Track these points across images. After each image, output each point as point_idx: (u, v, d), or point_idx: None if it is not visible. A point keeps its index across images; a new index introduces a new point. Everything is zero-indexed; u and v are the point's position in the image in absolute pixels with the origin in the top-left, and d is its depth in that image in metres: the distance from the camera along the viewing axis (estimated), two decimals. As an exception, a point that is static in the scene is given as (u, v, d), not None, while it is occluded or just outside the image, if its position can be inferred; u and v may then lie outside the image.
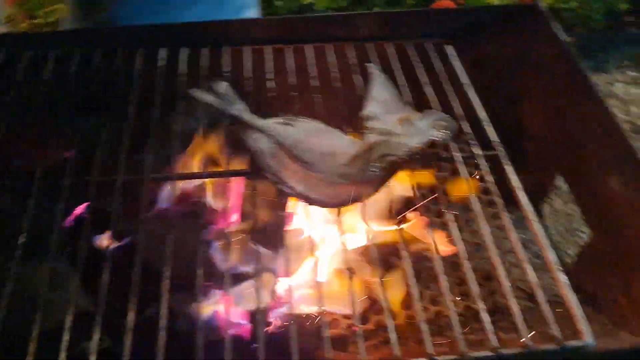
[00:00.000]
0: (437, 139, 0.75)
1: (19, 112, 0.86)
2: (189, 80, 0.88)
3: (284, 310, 0.82)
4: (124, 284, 0.70)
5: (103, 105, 0.86)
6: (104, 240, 0.81)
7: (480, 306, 0.64)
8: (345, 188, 0.74)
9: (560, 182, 1.00)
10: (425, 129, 0.75)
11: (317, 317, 0.81)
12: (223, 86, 0.83)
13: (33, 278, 0.77)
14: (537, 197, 1.02)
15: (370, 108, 0.81)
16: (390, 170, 0.74)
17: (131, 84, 0.87)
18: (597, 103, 0.83)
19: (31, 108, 0.88)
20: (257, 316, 0.67)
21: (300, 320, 0.83)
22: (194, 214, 0.80)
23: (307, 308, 0.84)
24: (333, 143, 0.78)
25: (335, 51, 0.92)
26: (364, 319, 0.86)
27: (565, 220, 1.16)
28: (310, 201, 0.75)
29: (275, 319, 0.82)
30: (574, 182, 0.94)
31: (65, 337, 0.64)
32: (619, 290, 0.81)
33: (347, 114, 0.83)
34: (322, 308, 0.66)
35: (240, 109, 0.81)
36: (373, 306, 0.88)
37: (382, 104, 0.82)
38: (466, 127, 0.82)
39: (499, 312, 0.80)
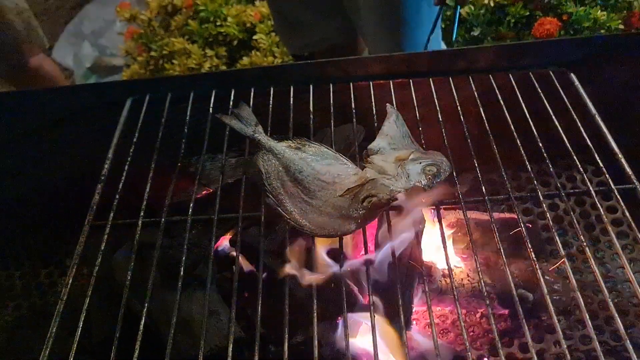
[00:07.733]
0: (421, 185, 0.73)
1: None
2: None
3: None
4: (273, 313, 0.75)
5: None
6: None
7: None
8: (333, 220, 0.74)
9: None
10: (414, 173, 0.74)
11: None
12: (245, 110, 0.87)
13: (191, 307, 0.85)
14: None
15: (377, 142, 0.82)
16: (371, 211, 0.73)
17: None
18: None
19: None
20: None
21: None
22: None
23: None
24: (336, 172, 0.79)
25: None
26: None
27: None
28: (301, 227, 0.75)
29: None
30: None
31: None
32: None
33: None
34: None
35: (256, 131, 0.84)
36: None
37: (390, 139, 0.83)
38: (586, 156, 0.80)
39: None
